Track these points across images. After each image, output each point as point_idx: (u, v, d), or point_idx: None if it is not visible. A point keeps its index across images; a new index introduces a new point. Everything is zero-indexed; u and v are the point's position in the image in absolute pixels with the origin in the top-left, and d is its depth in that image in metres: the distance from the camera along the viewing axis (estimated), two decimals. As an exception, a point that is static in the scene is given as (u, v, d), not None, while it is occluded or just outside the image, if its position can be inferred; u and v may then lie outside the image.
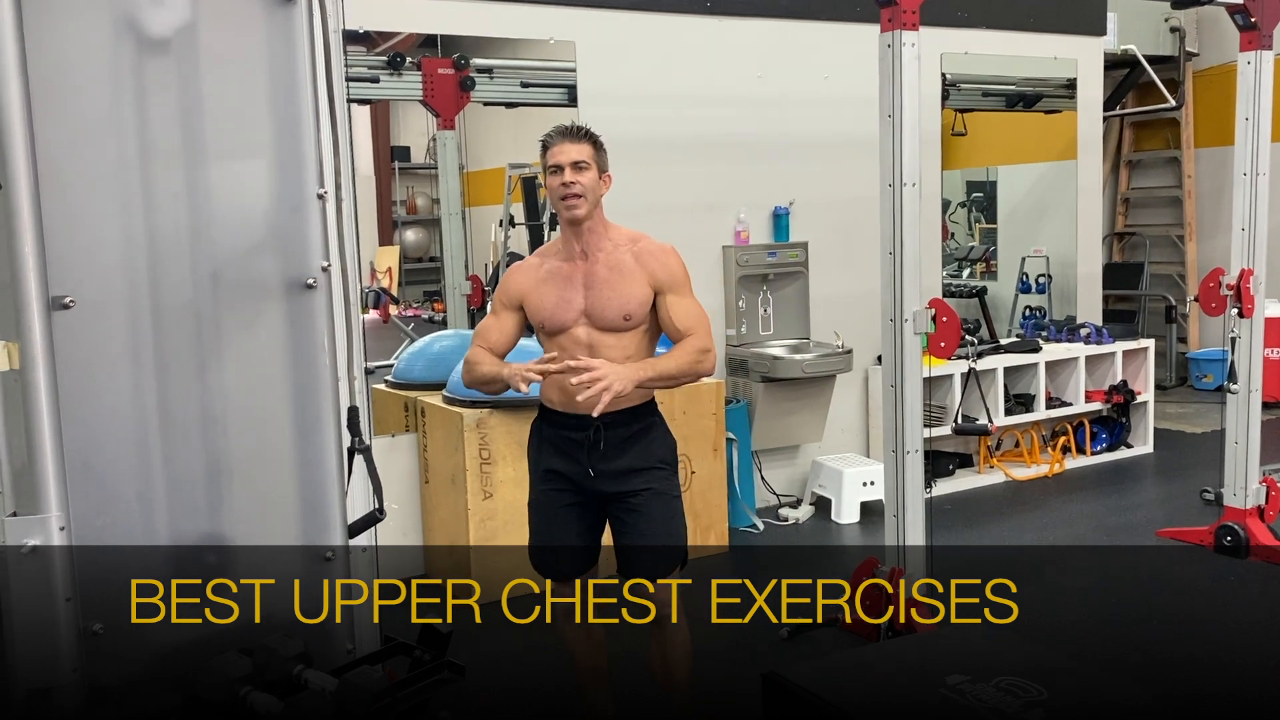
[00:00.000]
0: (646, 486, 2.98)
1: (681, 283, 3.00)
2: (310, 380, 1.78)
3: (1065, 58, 6.91)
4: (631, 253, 2.98)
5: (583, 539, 3.08)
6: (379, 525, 2.19)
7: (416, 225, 7.97)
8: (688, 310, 2.99)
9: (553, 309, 2.98)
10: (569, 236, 2.99)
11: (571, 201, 2.90)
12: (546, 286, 3.00)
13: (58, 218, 1.51)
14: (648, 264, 2.96)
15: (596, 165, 2.94)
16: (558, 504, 3.06)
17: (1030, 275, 7.92)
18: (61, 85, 1.53)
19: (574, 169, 2.90)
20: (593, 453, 2.97)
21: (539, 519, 3.13)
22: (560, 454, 3.02)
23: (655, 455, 3.02)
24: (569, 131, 2.96)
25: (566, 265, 2.99)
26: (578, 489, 3.02)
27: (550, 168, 2.93)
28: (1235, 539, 4.85)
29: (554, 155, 2.92)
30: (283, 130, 1.75)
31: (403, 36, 5.39)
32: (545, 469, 3.08)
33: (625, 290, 2.94)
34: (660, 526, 2.98)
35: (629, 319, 2.95)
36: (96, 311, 1.56)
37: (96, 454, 1.57)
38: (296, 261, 1.76)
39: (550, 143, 2.95)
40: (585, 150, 2.92)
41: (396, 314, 7.18)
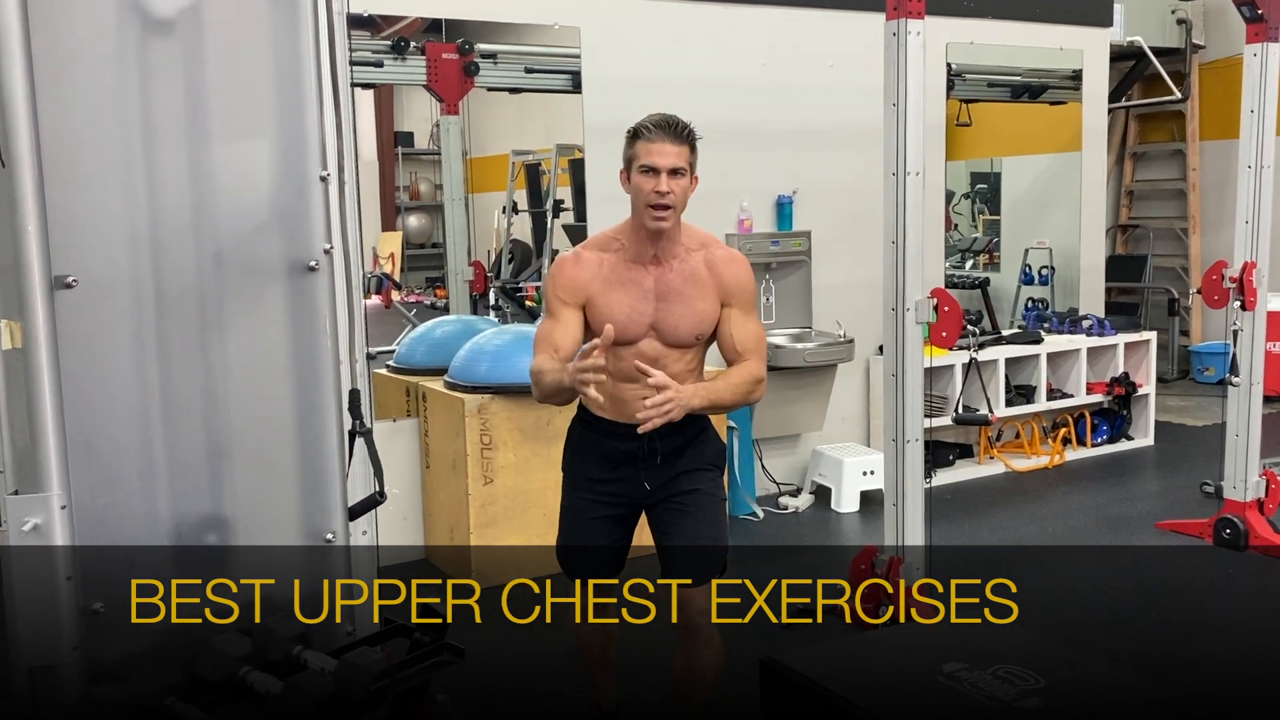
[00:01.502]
0: (695, 487, 2.80)
1: (750, 299, 2.80)
2: (312, 362, 1.79)
3: (1071, 49, 6.89)
4: (705, 261, 2.75)
5: (616, 543, 2.91)
6: (379, 508, 2.20)
7: (419, 211, 7.97)
8: (750, 332, 2.78)
9: (625, 320, 2.68)
10: (644, 239, 2.71)
11: (661, 213, 2.63)
12: (616, 292, 2.71)
13: (61, 197, 1.52)
14: (722, 274, 2.75)
15: (690, 169, 2.69)
16: (596, 513, 2.87)
17: (1033, 267, 7.92)
18: (66, 65, 1.54)
19: (671, 176, 2.62)
20: (647, 463, 2.77)
21: (573, 524, 2.93)
22: (607, 463, 2.81)
23: (705, 457, 2.85)
24: (671, 128, 2.64)
25: (635, 269, 2.72)
26: (622, 500, 2.84)
27: (642, 166, 2.63)
28: (1234, 532, 4.86)
29: (649, 154, 2.62)
30: (286, 112, 1.75)
31: (407, 21, 5.38)
32: (588, 477, 2.86)
33: (700, 307, 2.73)
34: (707, 528, 2.81)
35: (700, 337, 2.76)
36: (99, 291, 1.56)
37: (98, 433, 1.57)
38: (299, 244, 1.77)
39: (647, 136, 2.64)
40: (685, 154, 2.65)
41: (399, 299, 7.18)
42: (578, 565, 2.94)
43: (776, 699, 2.43)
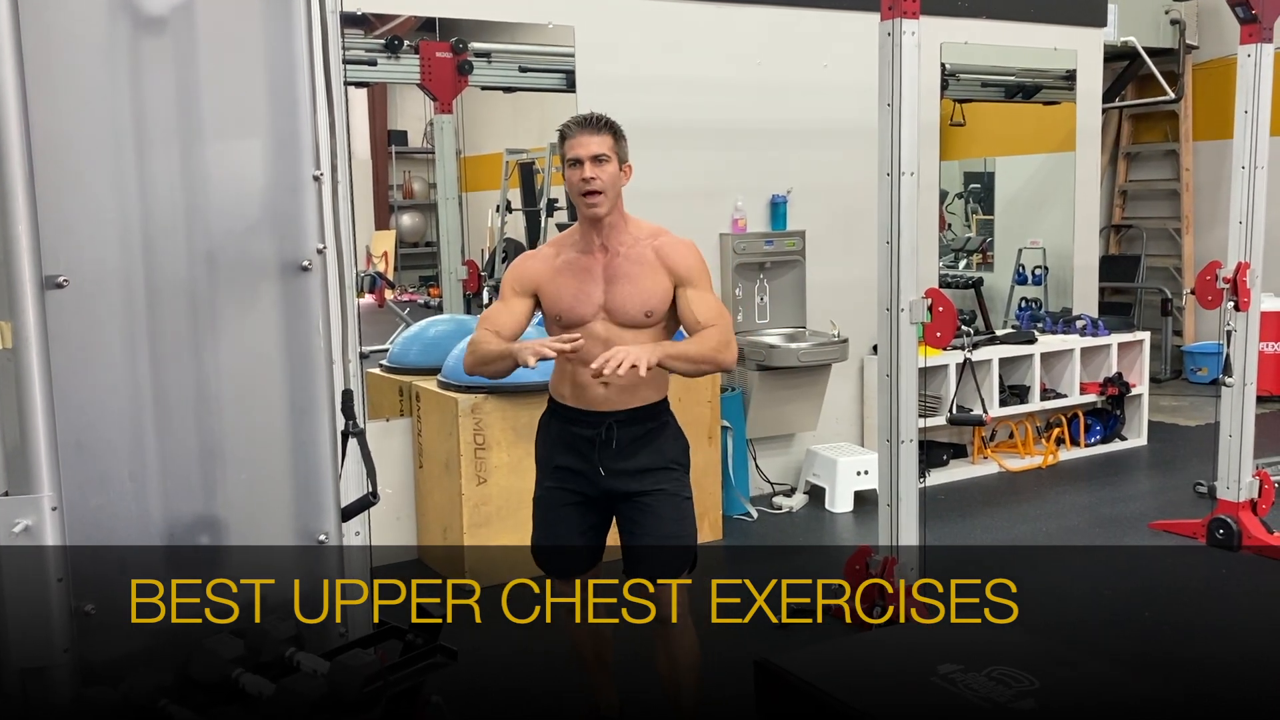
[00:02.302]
0: (658, 487, 2.90)
1: (701, 277, 2.91)
2: (305, 363, 1.78)
3: (1065, 49, 6.90)
4: (652, 247, 2.88)
5: (586, 538, 3.00)
6: (372, 509, 2.19)
7: (413, 210, 7.96)
8: (708, 305, 2.89)
9: (571, 301, 2.87)
10: (588, 230, 2.89)
11: (592, 199, 2.80)
12: (564, 278, 2.89)
13: (52, 196, 1.51)
14: (668, 258, 2.87)
15: (617, 157, 2.84)
16: (563, 501, 2.97)
17: (1027, 267, 7.93)
18: (57, 63, 1.52)
19: (594, 163, 2.79)
20: (604, 451, 2.88)
21: (543, 515, 3.04)
22: (570, 451, 2.93)
23: (667, 455, 2.94)
24: (588, 122, 2.84)
25: (585, 257, 2.89)
26: (585, 487, 2.94)
27: (569, 161, 2.82)
28: (1228, 532, 4.87)
29: (572, 148, 2.81)
30: (279, 111, 1.74)
31: (401, 19, 5.37)
32: (554, 465, 2.98)
33: (646, 285, 2.85)
34: (669, 527, 2.90)
35: (650, 315, 2.85)
36: (90, 291, 1.55)
37: (89, 434, 1.56)
38: (292, 243, 1.76)
39: (568, 134, 2.84)
40: (605, 142, 2.81)
41: (392, 299, 7.17)
42: (550, 560, 3.03)
43: (771, 700, 2.43)
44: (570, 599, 3.05)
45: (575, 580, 3.05)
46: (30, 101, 1.47)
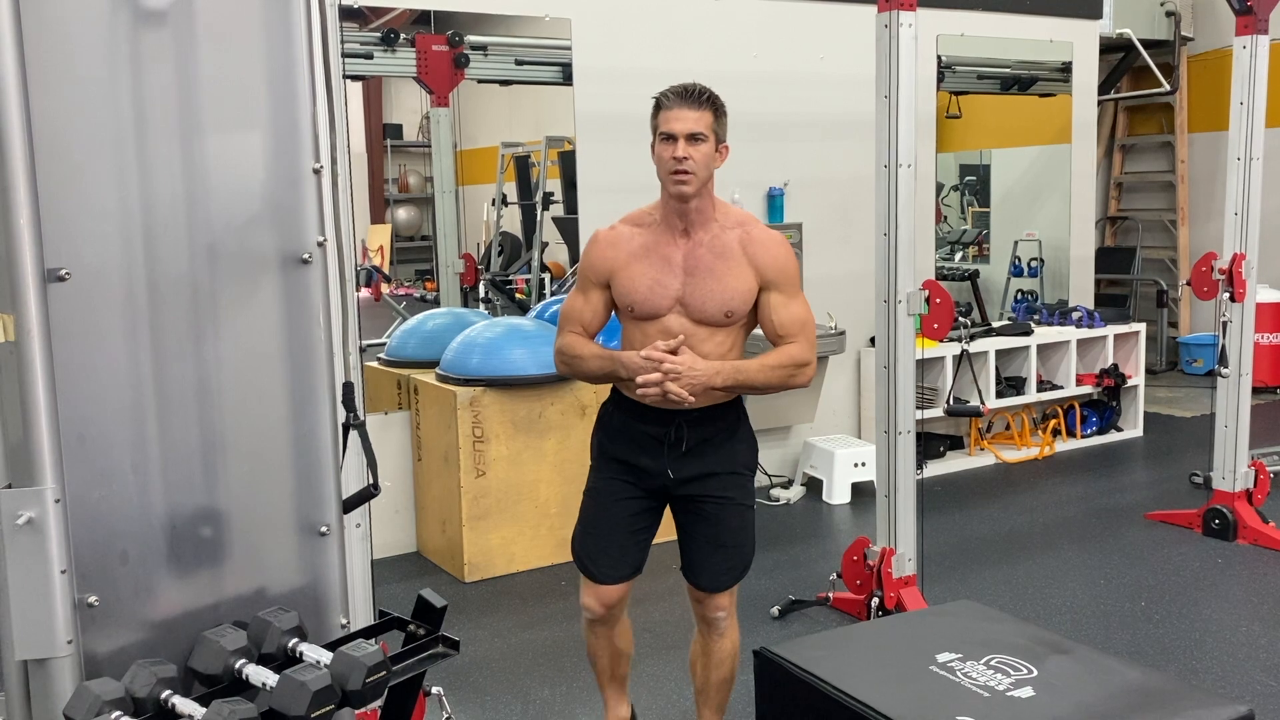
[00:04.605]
0: (724, 494, 2.74)
1: (792, 280, 2.70)
2: (306, 355, 1.78)
3: (1061, 41, 6.91)
4: (739, 239, 2.66)
5: (637, 539, 2.79)
6: (371, 502, 2.20)
7: (409, 203, 7.96)
8: (793, 314, 2.68)
9: (646, 293, 2.65)
10: (671, 211, 2.67)
11: (681, 178, 2.57)
12: (641, 265, 2.67)
13: (54, 189, 1.51)
14: (756, 254, 2.66)
15: (715, 136, 2.63)
16: (621, 494, 2.76)
17: (1023, 259, 7.94)
18: (58, 56, 1.53)
19: (689, 141, 2.58)
20: (673, 452, 2.70)
21: (595, 508, 2.82)
22: (634, 447, 2.74)
23: (738, 460, 2.78)
24: (688, 94, 2.63)
25: (665, 242, 2.67)
26: (646, 483, 2.76)
27: (662, 134, 2.61)
28: (1223, 522, 4.89)
29: (668, 121, 2.60)
30: (279, 103, 1.74)
31: (397, 12, 5.36)
32: (612, 457, 2.78)
33: (730, 282, 2.64)
34: (732, 538, 2.76)
35: (730, 315, 2.65)
36: (92, 284, 1.55)
37: (92, 427, 1.57)
38: (292, 236, 1.76)
39: (665, 104, 2.62)
40: (705, 119, 2.60)
41: (388, 292, 7.18)
42: (595, 559, 2.78)
43: (771, 690, 2.44)
44: (601, 610, 2.81)
45: (612, 589, 2.80)
46: (31, 95, 1.47)
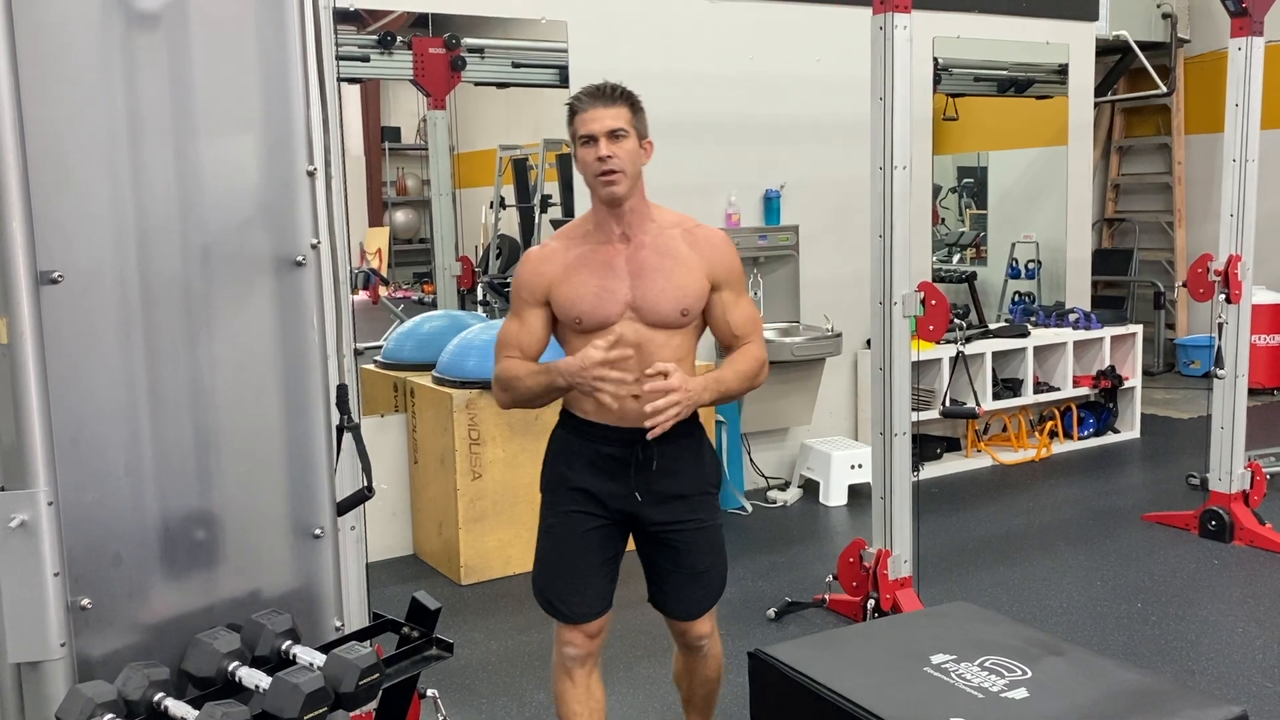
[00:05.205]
0: (693, 516, 2.59)
1: (740, 279, 2.62)
2: (299, 357, 1.78)
3: (1057, 43, 6.92)
4: (684, 237, 2.55)
5: (606, 571, 2.61)
6: (367, 504, 2.20)
7: (406, 206, 7.96)
8: (745, 313, 2.61)
9: (594, 300, 2.49)
10: (605, 217, 2.53)
11: (610, 178, 2.44)
12: (581, 274, 2.51)
13: (47, 192, 1.51)
14: (705, 253, 2.54)
15: (636, 131, 2.49)
16: (584, 526, 2.57)
17: (1020, 260, 7.95)
18: (51, 59, 1.53)
19: (610, 139, 2.44)
20: (642, 474, 2.53)
21: (557, 547, 2.60)
22: (598, 473, 2.55)
23: (707, 478, 2.64)
24: (602, 93, 2.49)
25: (603, 249, 2.53)
26: (610, 511, 2.58)
27: (581, 138, 2.47)
28: (1220, 523, 4.89)
29: (585, 123, 2.46)
30: (273, 106, 1.74)
31: (394, 15, 5.37)
32: (573, 486, 2.57)
33: (681, 279, 2.51)
34: (705, 561, 2.63)
35: (686, 313, 2.52)
36: (85, 287, 1.56)
37: (85, 429, 1.57)
38: (286, 238, 1.76)
39: (579, 107, 2.49)
40: (623, 115, 2.47)
41: (386, 295, 7.17)
42: (566, 600, 2.58)
43: (765, 691, 2.44)
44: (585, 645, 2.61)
45: (586, 629, 2.60)
46: (24, 97, 1.48)
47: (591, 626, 2.60)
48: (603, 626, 2.64)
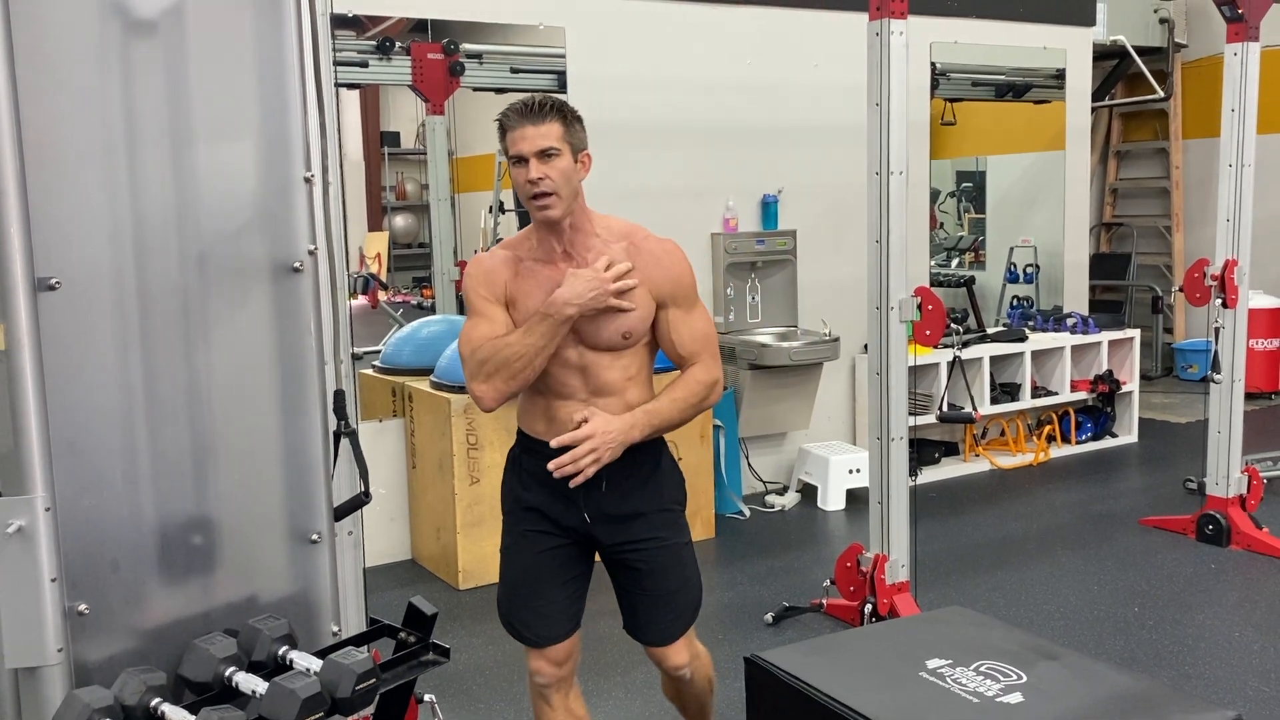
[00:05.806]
0: (653, 535, 2.50)
1: (688, 293, 2.48)
2: (296, 363, 1.79)
3: (1055, 48, 6.93)
4: (629, 253, 2.43)
5: (568, 591, 2.54)
6: (365, 509, 2.20)
7: (406, 211, 7.96)
8: (694, 330, 2.48)
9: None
10: (545, 235, 2.42)
11: (543, 201, 2.33)
12: (528, 291, 2.42)
13: (44, 199, 1.52)
14: (649, 270, 2.43)
15: (570, 147, 2.35)
16: (540, 547, 2.51)
17: (1018, 265, 7.95)
18: (49, 65, 1.54)
19: (541, 160, 2.31)
20: (591, 495, 2.44)
21: (514, 566, 2.55)
22: (549, 493, 2.48)
23: (665, 495, 2.54)
24: (530, 110, 2.32)
25: (546, 268, 2.42)
26: (563, 530, 2.51)
27: (512, 159, 2.34)
28: (1217, 528, 4.89)
29: (515, 143, 2.32)
30: (270, 112, 1.75)
31: (392, 21, 5.38)
32: (526, 506, 2.52)
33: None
34: (672, 582, 2.53)
35: (629, 336, 2.42)
36: (82, 293, 1.56)
37: (82, 435, 1.57)
38: (283, 244, 1.77)
39: (508, 124, 2.33)
40: (553, 131, 2.31)
41: (385, 299, 7.18)
42: (526, 622, 2.54)
43: (761, 696, 2.45)
44: (554, 672, 2.54)
45: (555, 651, 2.54)
46: (22, 103, 1.48)
47: (558, 653, 2.54)
48: (571, 651, 2.56)
